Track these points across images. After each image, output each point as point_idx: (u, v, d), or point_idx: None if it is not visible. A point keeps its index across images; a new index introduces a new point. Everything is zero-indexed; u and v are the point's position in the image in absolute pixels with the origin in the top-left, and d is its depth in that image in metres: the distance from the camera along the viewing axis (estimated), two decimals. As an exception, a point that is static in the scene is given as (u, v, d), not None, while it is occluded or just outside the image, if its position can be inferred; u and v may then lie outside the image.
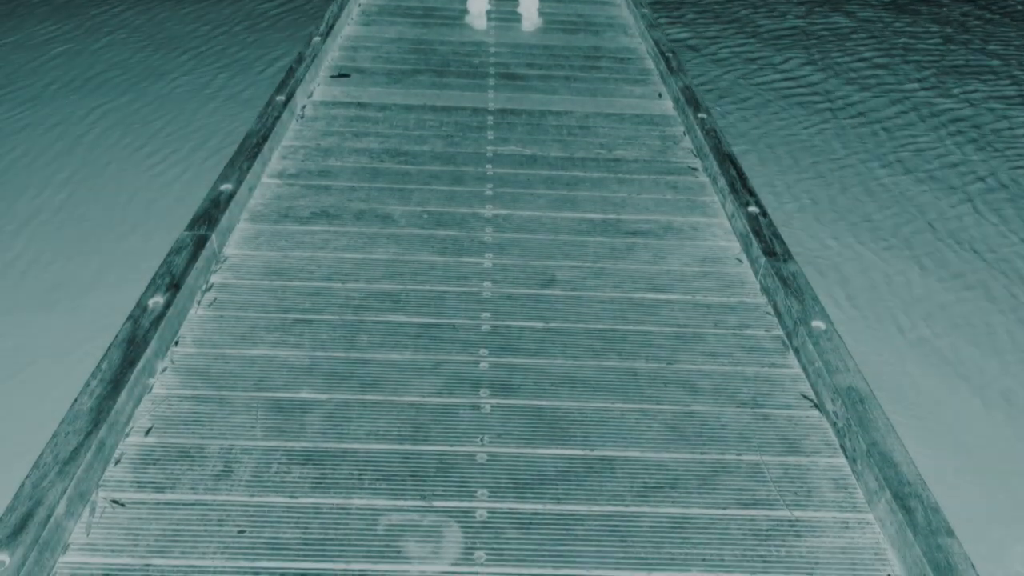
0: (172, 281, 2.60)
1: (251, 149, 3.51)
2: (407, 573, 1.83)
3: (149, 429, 2.19)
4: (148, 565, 1.81)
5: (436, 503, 2.01)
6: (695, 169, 3.87)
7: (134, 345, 2.30)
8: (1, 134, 5.95)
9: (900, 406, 3.72)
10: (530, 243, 3.18)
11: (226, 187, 3.17)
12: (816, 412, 2.38)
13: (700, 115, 4.13)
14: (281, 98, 4.05)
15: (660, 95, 4.77)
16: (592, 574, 1.86)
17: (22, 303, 4.31)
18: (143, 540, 1.87)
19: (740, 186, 3.43)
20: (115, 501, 1.97)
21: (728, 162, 3.64)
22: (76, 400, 2.08)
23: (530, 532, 1.95)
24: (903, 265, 4.85)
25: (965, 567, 1.76)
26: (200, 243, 2.81)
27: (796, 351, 2.60)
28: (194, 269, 2.69)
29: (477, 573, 1.84)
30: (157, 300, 2.49)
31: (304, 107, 4.30)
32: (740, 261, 3.14)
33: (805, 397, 2.44)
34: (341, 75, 4.83)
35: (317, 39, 4.98)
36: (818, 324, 2.55)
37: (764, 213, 3.21)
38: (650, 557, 1.90)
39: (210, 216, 2.98)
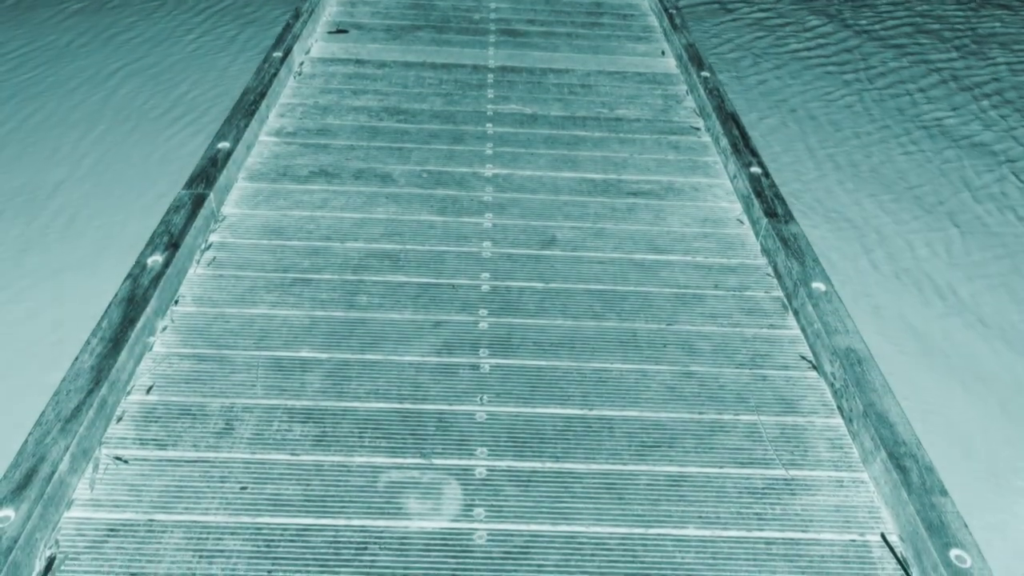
0: (171, 240, 2.59)
1: (248, 106, 3.46)
2: (407, 529, 1.86)
3: (150, 387, 2.20)
4: (151, 520, 1.84)
5: (436, 461, 2.03)
6: (697, 129, 3.83)
7: (134, 304, 2.30)
8: (26, 95, 5.88)
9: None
10: (530, 203, 3.16)
11: (223, 145, 3.14)
12: (814, 373, 2.39)
13: (703, 73, 4.07)
14: (278, 54, 3.99)
15: (663, 53, 4.70)
16: (590, 531, 1.88)
17: (56, 268, 4.30)
18: (146, 496, 1.90)
19: (742, 146, 3.40)
20: (118, 458, 1.98)
21: (731, 122, 3.60)
22: (77, 358, 2.09)
23: (529, 489, 1.97)
24: (941, 231, 4.83)
25: (958, 526, 1.78)
26: (198, 202, 2.79)
27: (796, 312, 2.60)
28: (192, 228, 2.68)
29: (476, 529, 1.87)
30: (156, 259, 2.49)
31: (302, 64, 4.24)
32: (741, 222, 3.12)
33: (803, 358, 2.45)
34: (339, 31, 4.75)
35: (314, -6, 4.88)
36: (818, 286, 2.54)
37: (766, 174, 3.18)
38: (647, 514, 1.93)
39: (208, 175, 2.96)
